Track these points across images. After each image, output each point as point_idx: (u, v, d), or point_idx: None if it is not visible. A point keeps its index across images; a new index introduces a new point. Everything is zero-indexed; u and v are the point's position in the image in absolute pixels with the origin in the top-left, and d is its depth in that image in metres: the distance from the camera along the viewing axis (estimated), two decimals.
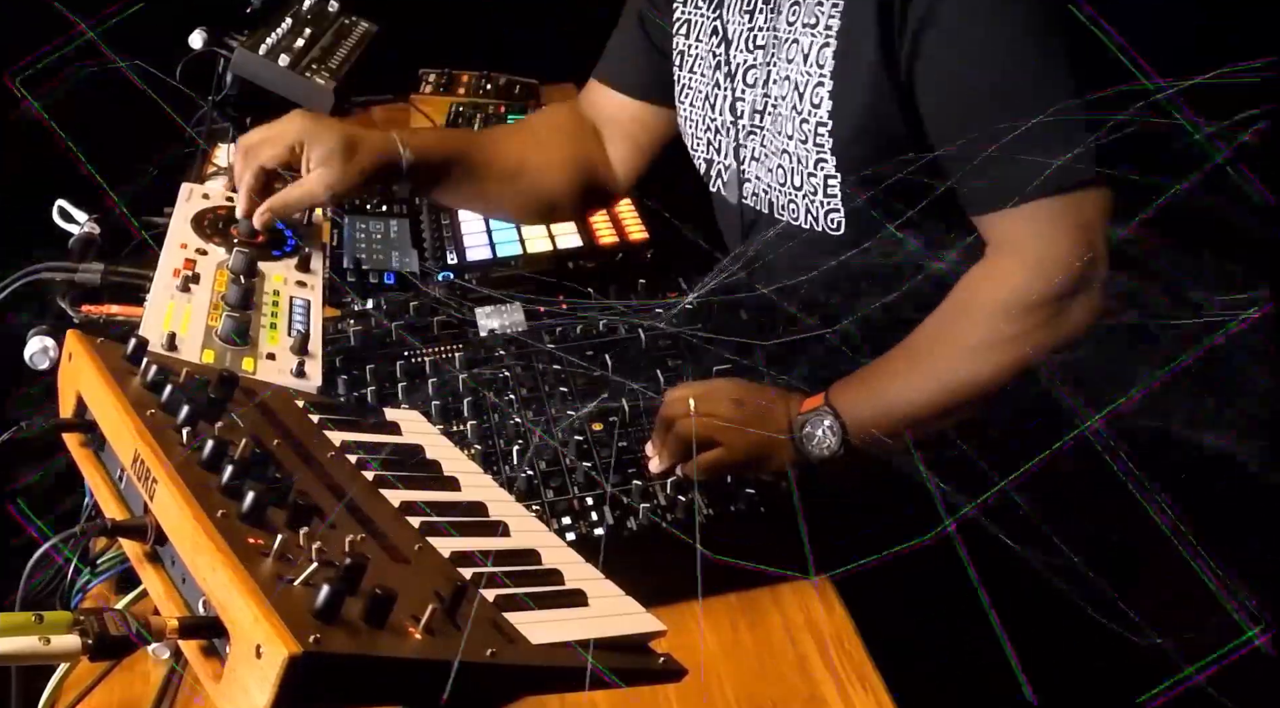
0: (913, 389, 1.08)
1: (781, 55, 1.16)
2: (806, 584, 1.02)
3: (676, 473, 1.05)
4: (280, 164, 1.15)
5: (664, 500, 1.02)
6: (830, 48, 1.10)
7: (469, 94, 1.99)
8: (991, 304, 1.06)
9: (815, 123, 1.13)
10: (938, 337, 1.09)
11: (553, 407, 1.12)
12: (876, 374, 1.09)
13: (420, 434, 0.87)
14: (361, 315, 1.26)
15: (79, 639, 0.53)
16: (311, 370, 1.03)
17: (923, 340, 1.09)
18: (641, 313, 1.21)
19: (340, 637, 0.52)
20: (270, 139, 1.16)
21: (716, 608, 1.00)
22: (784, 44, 1.15)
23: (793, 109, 1.15)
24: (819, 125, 1.12)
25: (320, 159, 1.14)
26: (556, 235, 1.51)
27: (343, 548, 0.60)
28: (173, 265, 1.09)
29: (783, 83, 1.16)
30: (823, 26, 1.11)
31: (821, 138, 1.12)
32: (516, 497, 0.83)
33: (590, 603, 0.69)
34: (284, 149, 1.15)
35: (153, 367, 0.73)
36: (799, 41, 1.13)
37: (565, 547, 0.75)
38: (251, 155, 1.15)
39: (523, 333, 1.23)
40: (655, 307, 1.20)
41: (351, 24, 1.87)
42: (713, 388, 1.09)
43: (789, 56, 1.14)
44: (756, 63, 1.20)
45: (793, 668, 0.95)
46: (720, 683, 0.94)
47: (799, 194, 1.18)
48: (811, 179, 1.15)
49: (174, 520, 0.60)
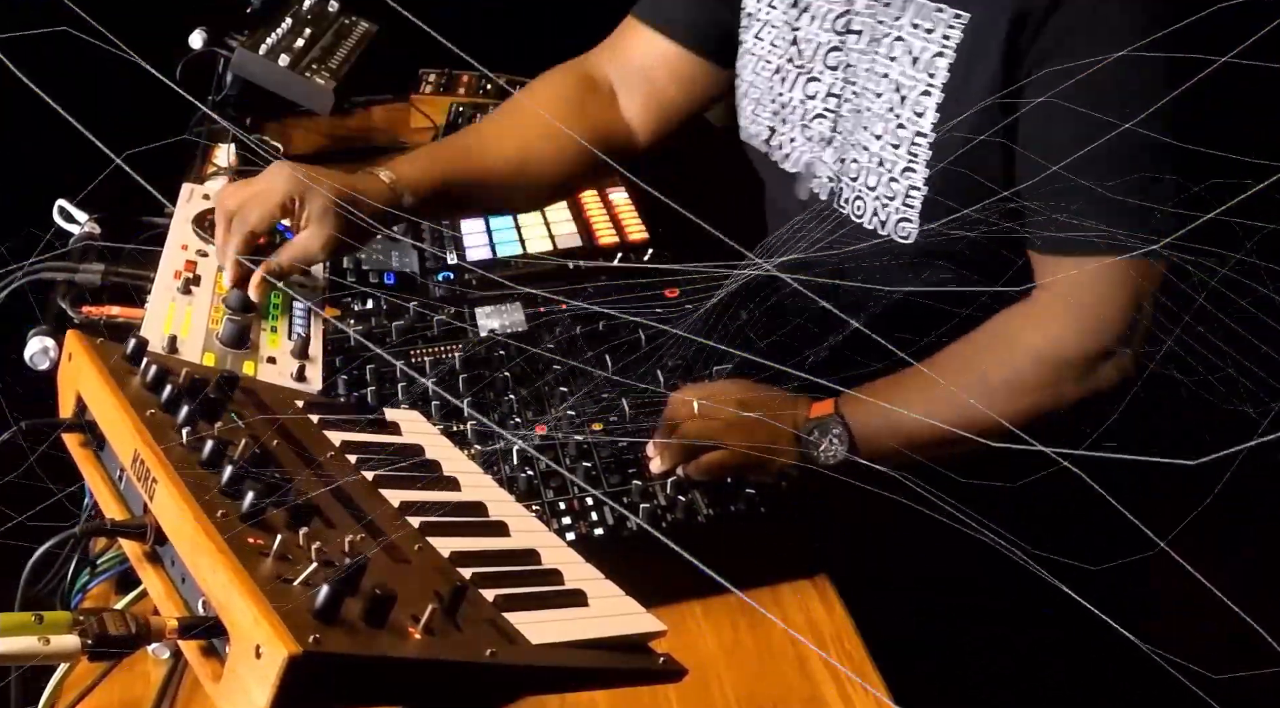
0: (928, 411, 1.06)
1: (880, 50, 1.11)
2: (806, 584, 1.03)
3: (677, 473, 1.04)
4: (270, 225, 1.07)
5: (664, 501, 1.02)
6: (946, 59, 1.06)
7: (469, 94, 1.99)
8: (1028, 348, 1.05)
9: (914, 131, 1.09)
10: (965, 366, 1.07)
11: (553, 407, 1.12)
12: (892, 390, 1.08)
13: (420, 434, 0.87)
14: (361, 315, 1.26)
15: (79, 639, 0.53)
16: (312, 374, 1.03)
17: (948, 363, 1.08)
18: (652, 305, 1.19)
19: (340, 637, 0.52)
20: (257, 197, 1.06)
21: (716, 608, 1.00)
22: (885, 39, 1.11)
23: (889, 110, 1.10)
24: (918, 134, 1.09)
25: (314, 216, 1.07)
26: (556, 236, 1.51)
27: (343, 548, 0.60)
28: (173, 267, 1.09)
29: (878, 79, 1.11)
30: (940, 35, 1.06)
31: (917, 148, 1.09)
32: (516, 497, 0.83)
33: (590, 603, 0.69)
34: (274, 208, 1.06)
35: (153, 367, 0.73)
36: (906, 41, 1.09)
37: (565, 547, 0.75)
38: (238, 219, 1.06)
39: (523, 333, 1.23)
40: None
41: (351, 24, 1.87)
42: (717, 390, 1.08)
43: (891, 53, 1.10)
44: (842, 46, 1.15)
45: (793, 668, 0.95)
46: (720, 683, 0.94)
47: (872, 194, 1.14)
48: (893, 184, 1.11)
49: (174, 520, 0.60)
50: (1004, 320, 1.07)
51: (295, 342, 1.06)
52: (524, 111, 1.34)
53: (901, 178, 1.11)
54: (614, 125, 1.34)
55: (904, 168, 1.10)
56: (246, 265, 1.06)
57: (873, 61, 1.12)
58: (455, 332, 1.23)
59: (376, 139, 1.92)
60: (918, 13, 1.08)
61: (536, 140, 1.28)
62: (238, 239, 1.06)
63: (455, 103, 1.94)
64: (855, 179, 1.15)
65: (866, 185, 1.14)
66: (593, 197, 1.57)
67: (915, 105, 1.08)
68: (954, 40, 1.06)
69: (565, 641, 0.63)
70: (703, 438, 1.04)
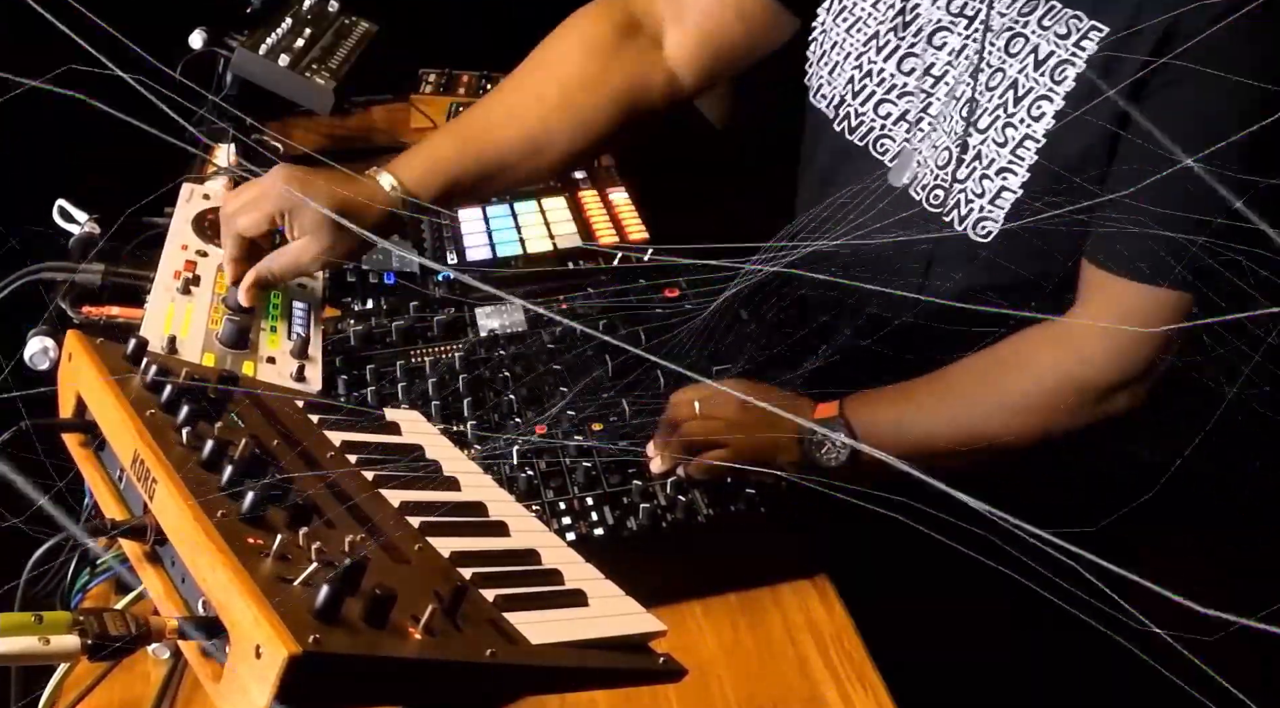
0: (937, 422, 1.06)
1: (999, 43, 1.06)
2: (806, 584, 1.03)
3: (677, 473, 1.04)
4: (260, 234, 1.06)
5: (664, 501, 1.02)
6: (1075, 68, 1.02)
7: (469, 94, 1.99)
8: (1049, 370, 1.05)
9: (1024, 133, 1.04)
10: (979, 380, 1.07)
11: (553, 407, 1.12)
12: (901, 397, 1.08)
13: (420, 434, 0.87)
14: (361, 315, 1.26)
15: (79, 639, 0.53)
16: (312, 374, 1.03)
17: (962, 378, 1.07)
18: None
19: (340, 637, 0.52)
20: (248, 205, 1.05)
21: (716, 608, 1.00)
22: (1006, 33, 1.06)
23: (1000, 107, 1.06)
24: (1027, 137, 1.04)
25: (307, 228, 1.04)
26: (556, 236, 1.51)
27: (343, 548, 0.60)
28: (173, 267, 1.09)
29: (993, 73, 1.06)
30: (1073, 43, 1.02)
31: (1024, 151, 1.04)
32: (516, 497, 0.82)
33: (590, 603, 0.69)
34: (262, 218, 1.04)
35: (153, 367, 0.73)
36: (1031, 40, 1.04)
37: (565, 547, 0.75)
38: (229, 222, 1.06)
39: (523, 333, 1.23)
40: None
41: (351, 24, 1.87)
42: (719, 389, 1.08)
43: (1012, 49, 1.05)
44: (954, 29, 1.10)
45: (793, 668, 0.95)
46: (720, 683, 0.94)
47: (958, 186, 1.08)
48: (985, 181, 1.07)
49: (174, 521, 0.60)
50: (1028, 340, 1.06)
51: (295, 342, 1.06)
52: (540, 77, 1.22)
53: (996, 177, 1.06)
54: (652, 73, 1.23)
55: (1002, 168, 1.06)
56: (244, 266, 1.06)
57: (990, 55, 1.07)
58: (455, 332, 1.23)
59: (376, 139, 1.93)
60: (1050, 14, 1.04)
61: (554, 112, 1.18)
62: (230, 242, 1.06)
63: (455, 103, 1.94)
64: (944, 167, 1.09)
65: (955, 176, 1.08)
66: (593, 196, 1.57)
67: (1033, 108, 1.04)
68: (1088, 51, 1.02)
69: (565, 641, 0.63)
70: (703, 438, 1.04)
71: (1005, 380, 1.06)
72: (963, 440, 1.05)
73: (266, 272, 1.06)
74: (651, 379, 1.13)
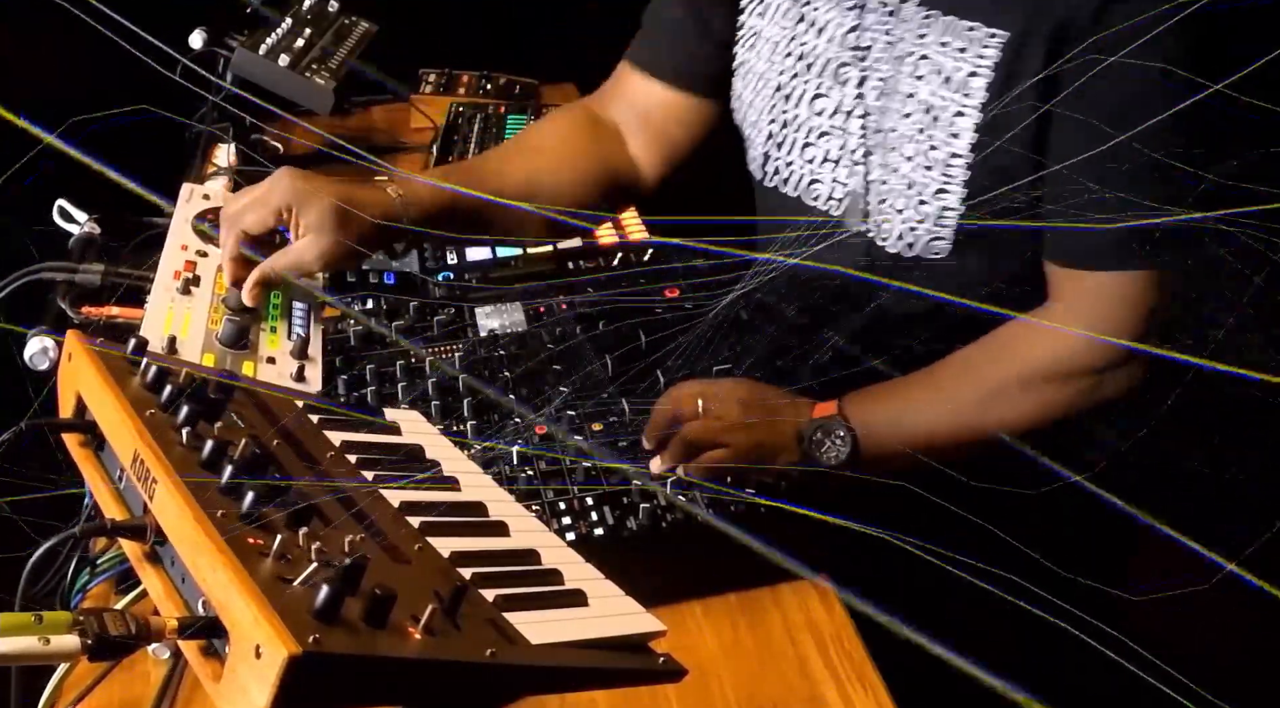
0: (933, 415, 1.07)
1: (904, 69, 1.08)
2: (806, 584, 1.03)
3: (677, 473, 1.04)
4: (265, 230, 1.06)
5: (664, 500, 1.02)
6: (982, 78, 1.03)
7: (469, 94, 1.99)
8: (1036, 358, 1.06)
9: (948, 152, 1.06)
10: (971, 372, 1.08)
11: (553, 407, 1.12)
12: (897, 393, 1.09)
13: (420, 434, 0.87)
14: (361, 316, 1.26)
15: (79, 639, 0.53)
16: (311, 375, 1.03)
17: (954, 371, 1.08)
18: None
19: (340, 637, 0.52)
20: (253, 203, 1.06)
21: (716, 608, 1.00)
22: (908, 58, 1.08)
23: (920, 131, 1.08)
24: (953, 156, 1.06)
25: (312, 226, 1.04)
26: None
27: (343, 548, 0.60)
28: (173, 267, 1.09)
29: (904, 99, 1.08)
30: (974, 54, 1.03)
31: (953, 170, 1.06)
32: (516, 497, 0.83)
33: (590, 603, 0.69)
34: (268, 214, 1.05)
35: (152, 367, 0.73)
36: (934, 60, 1.06)
37: (565, 547, 0.75)
38: (233, 222, 1.06)
39: (522, 333, 1.23)
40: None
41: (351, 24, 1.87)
42: (719, 388, 1.08)
43: (917, 72, 1.07)
44: (854, 63, 1.12)
45: (793, 668, 0.95)
46: (720, 683, 0.94)
47: (899, 217, 1.11)
48: (923, 206, 1.09)
49: (174, 521, 0.60)
50: (1013, 331, 1.07)
51: (295, 342, 1.06)
52: (536, 145, 1.33)
53: (934, 200, 1.08)
54: (623, 161, 1.34)
55: (937, 190, 1.08)
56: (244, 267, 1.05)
57: (896, 81, 1.09)
58: (455, 332, 1.23)
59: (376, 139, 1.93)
60: (946, 30, 1.05)
61: (545, 173, 1.27)
62: (231, 240, 1.06)
63: (455, 103, 1.94)
64: (883, 201, 1.12)
65: (894, 207, 1.11)
66: None
67: (950, 126, 1.05)
68: (990, 59, 1.03)
69: (565, 641, 0.63)
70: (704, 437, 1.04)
71: (997, 371, 1.08)
72: (963, 432, 1.06)
73: (270, 270, 1.05)
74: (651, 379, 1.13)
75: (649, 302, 1.24)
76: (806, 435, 1.06)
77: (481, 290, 1.30)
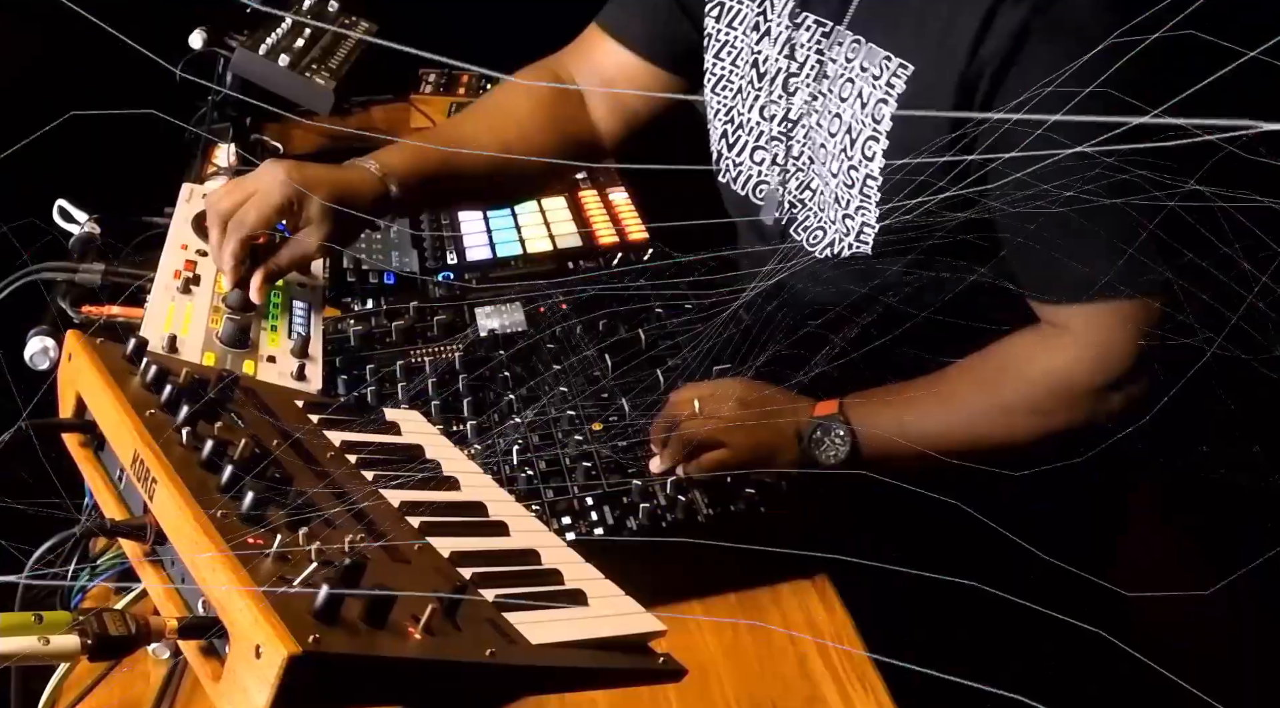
0: (934, 424, 1.08)
1: (834, 90, 1.11)
2: (806, 584, 1.03)
3: (677, 473, 1.04)
4: (268, 227, 1.05)
5: (664, 501, 1.02)
6: (889, 107, 1.05)
7: (469, 94, 1.99)
8: (1040, 375, 1.06)
9: (864, 174, 1.09)
10: (974, 385, 1.09)
11: (553, 407, 1.12)
12: (899, 398, 1.09)
13: (420, 434, 0.87)
14: (361, 316, 1.26)
15: (79, 639, 0.53)
16: (312, 373, 1.03)
17: (957, 382, 1.09)
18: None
19: (340, 637, 0.52)
20: (254, 199, 1.04)
21: (716, 608, 1.00)
22: (839, 79, 1.11)
23: (842, 151, 1.11)
24: (868, 177, 1.08)
25: (313, 216, 1.06)
26: (556, 236, 1.51)
27: (343, 548, 0.60)
28: (173, 267, 1.09)
29: (832, 119, 1.11)
30: (885, 83, 1.05)
31: (869, 190, 1.09)
32: (516, 497, 0.83)
33: (590, 603, 0.69)
34: (273, 210, 1.04)
35: (153, 367, 0.73)
36: (855, 83, 1.08)
37: (565, 547, 0.75)
38: (235, 223, 1.04)
39: (522, 333, 1.23)
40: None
41: (351, 24, 1.87)
42: (719, 388, 1.08)
43: (843, 94, 1.10)
44: (798, 76, 1.16)
45: (793, 668, 0.95)
46: (720, 683, 0.94)
47: (833, 226, 1.14)
48: (847, 221, 1.12)
49: (174, 520, 0.60)
50: (1017, 344, 1.08)
51: (295, 341, 1.06)
52: (504, 107, 1.35)
53: (855, 215, 1.11)
54: (582, 126, 1.36)
55: (857, 206, 1.11)
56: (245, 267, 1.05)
57: (826, 99, 1.12)
58: (455, 331, 1.23)
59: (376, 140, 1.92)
60: (867, 56, 1.08)
61: (514, 140, 1.29)
62: (235, 242, 1.05)
63: (455, 103, 1.94)
64: (821, 211, 1.16)
65: (828, 218, 1.14)
66: (593, 196, 1.57)
67: (865, 149, 1.08)
68: (897, 90, 1.05)
69: (565, 641, 0.63)
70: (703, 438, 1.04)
71: (1002, 385, 1.08)
72: (964, 443, 1.06)
73: (274, 265, 1.06)
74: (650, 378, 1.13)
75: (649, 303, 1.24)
76: (806, 434, 1.07)
77: (481, 290, 1.30)
